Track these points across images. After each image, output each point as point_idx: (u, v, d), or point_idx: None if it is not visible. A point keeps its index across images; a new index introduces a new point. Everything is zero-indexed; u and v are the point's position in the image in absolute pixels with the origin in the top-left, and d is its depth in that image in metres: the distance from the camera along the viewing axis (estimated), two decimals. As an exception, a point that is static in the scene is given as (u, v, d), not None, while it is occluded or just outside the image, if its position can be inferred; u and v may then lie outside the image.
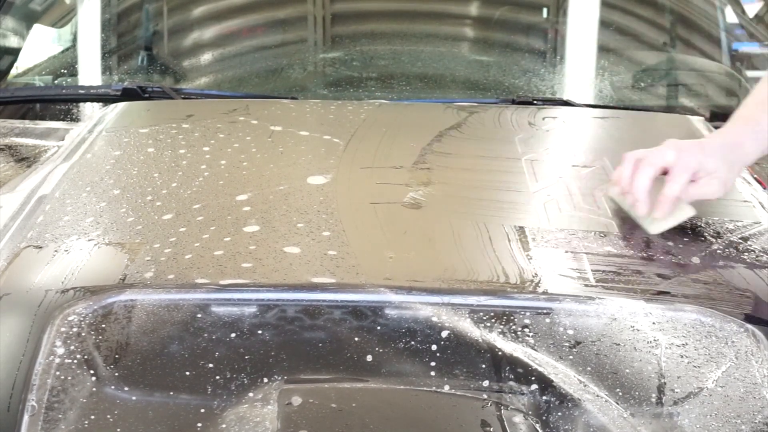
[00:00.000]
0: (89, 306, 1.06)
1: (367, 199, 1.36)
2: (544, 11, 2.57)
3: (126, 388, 1.02)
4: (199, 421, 1.00)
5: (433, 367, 1.04)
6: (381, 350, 1.05)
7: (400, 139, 1.62)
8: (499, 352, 1.05)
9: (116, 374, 1.03)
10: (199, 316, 1.06)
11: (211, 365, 1.03)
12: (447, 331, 1.06)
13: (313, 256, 1.16)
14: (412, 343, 1.05)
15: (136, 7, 2.55)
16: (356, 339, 1.05)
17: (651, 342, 1.06)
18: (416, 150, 1.55)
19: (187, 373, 1.03)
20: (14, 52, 2.52)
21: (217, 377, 1.03)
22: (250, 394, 1.02)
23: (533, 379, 1.04)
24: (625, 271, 1.17)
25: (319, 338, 1.06)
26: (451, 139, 1.63)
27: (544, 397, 1.03)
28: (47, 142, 1.78)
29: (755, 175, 1.53)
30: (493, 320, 1.06)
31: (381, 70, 2.31)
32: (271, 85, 2.34)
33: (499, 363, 1.04)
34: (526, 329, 1.06)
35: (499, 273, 1.14)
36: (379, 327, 1.06)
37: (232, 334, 1.05)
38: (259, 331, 1.06)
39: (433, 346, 1.05)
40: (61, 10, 2.72)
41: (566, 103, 2.02)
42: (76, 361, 1.03)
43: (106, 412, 1.00)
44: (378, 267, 1.15)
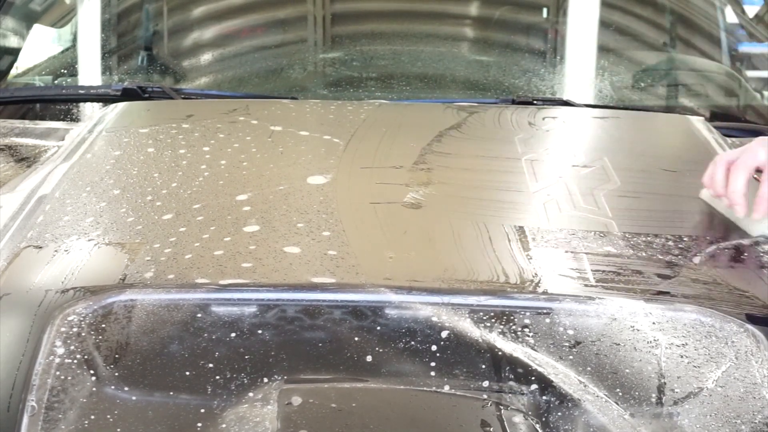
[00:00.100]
0: (89, 306, 1.06)
1: (367, 199, 1.36)
2: (544, 11, 2.57)
3: (126, 388, 1.02)
4: (199, 421, 1.00)
5: (433, 367, 1.04)
6: (381, 350, 1.05)
7: (400, 139, 1.62)
8: (499, 352, 1.05)
9: (116, 374, 1.03)
10: (199, 316, 1.06)
11: (211, 365, 1.03)
12: (447, 331, 1.05)
13: (313, 256, 1.16)
14: (412, 343, 1.05)
15: (136, 7, 2.54)
16: (356, 339, 1.05)
17: (651, 342, 1.06)
18: (416, 150, 1.55)
19: (187, 373, 1.03)
20: (14, 52, 2.52)
21: (217, 377, 1.03)
22: (250, 394, 1.02)
23: (533, 379, 1.03)
24: (625, 271, 1.17)
25: (319, 338, 1.06)
26: (451, 139, 1.63)
27: (544, 397, 1.03)
28: (47, 142, 1.78)
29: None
30: (493, 320, 1.06)
31: (381, 70, 2.31)
32: (271, 85, 2.34)
33: (499, 363, 1.04)
34: (526, 329, 1.06)
35: (499, 273, 1.14)
36: (379, 327, 1.06)
37: (232, 334, 1.05)
38: (259, 331, 1.05)
39: (433, 346, 1.05)
40: (61, 10, 2.72)
41: (566, 103, 2.02)
42: (76, 361, 1.03)
43: (106, 412, 1.00)
44: (378, 267, 1.15)
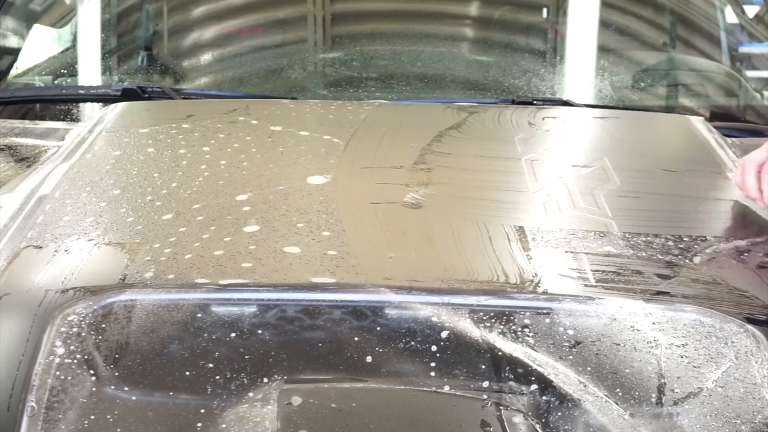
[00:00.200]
0: (89, 306, 1.06)
1: (367, 199, 1.36)
2: (544, 11, 2.57)
3: (126, 388, 1.02)
4: (199, 421, 1.00)
5: (433, 367, 1.04)
6: (381, 350, 1.05)
7: (400, 139, 1.62)
8: (499, 353, 1.05)
9: (116, 374, 1.03)
10: (199, 316, 1.06)
11: (211, 365, 1.03)
12: (447, 331, 1.05)
13: (313, 256, 1.15)
14: (412, 343, 1.05)
15: (136, 7, 2.55)
16: (356, 339, 1.05)
17: (651, 342, 1.06)
18: (416, 150, 1.55)
19: (187, 373, 1.03)
20: (14, 52, 2.52)
21: (217, 377, 1.03)
22: (250, 394, 1.02)
23: (533, 379, 1.03)
24: (625, 271, 1.17)
25: (319, 338, 1.06)
26: (451, 139, 1.63)
27: (544, 397, 1.03)
28: (47, 142, 1.78)
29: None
30: (493, 320, 1.06)
31: (381, 70, 2.31)
32: (271, 85, 2.34)
33: (499, 363, 1.04)
34: (526, 329, 1.06)
35: (499, 273, 1.14)
36: (379, 327, 1.06)
37: (232, 334, 1.05)
38: (259, 331, 1.05)
39: (433, 347, 1.05)
40: (61, 10, 2.72)
41: (566, 103, 2.02)
42: (76, 361, 1.02)
43: (106, 412, 1.00)
44: (378, 267, 1.15)
